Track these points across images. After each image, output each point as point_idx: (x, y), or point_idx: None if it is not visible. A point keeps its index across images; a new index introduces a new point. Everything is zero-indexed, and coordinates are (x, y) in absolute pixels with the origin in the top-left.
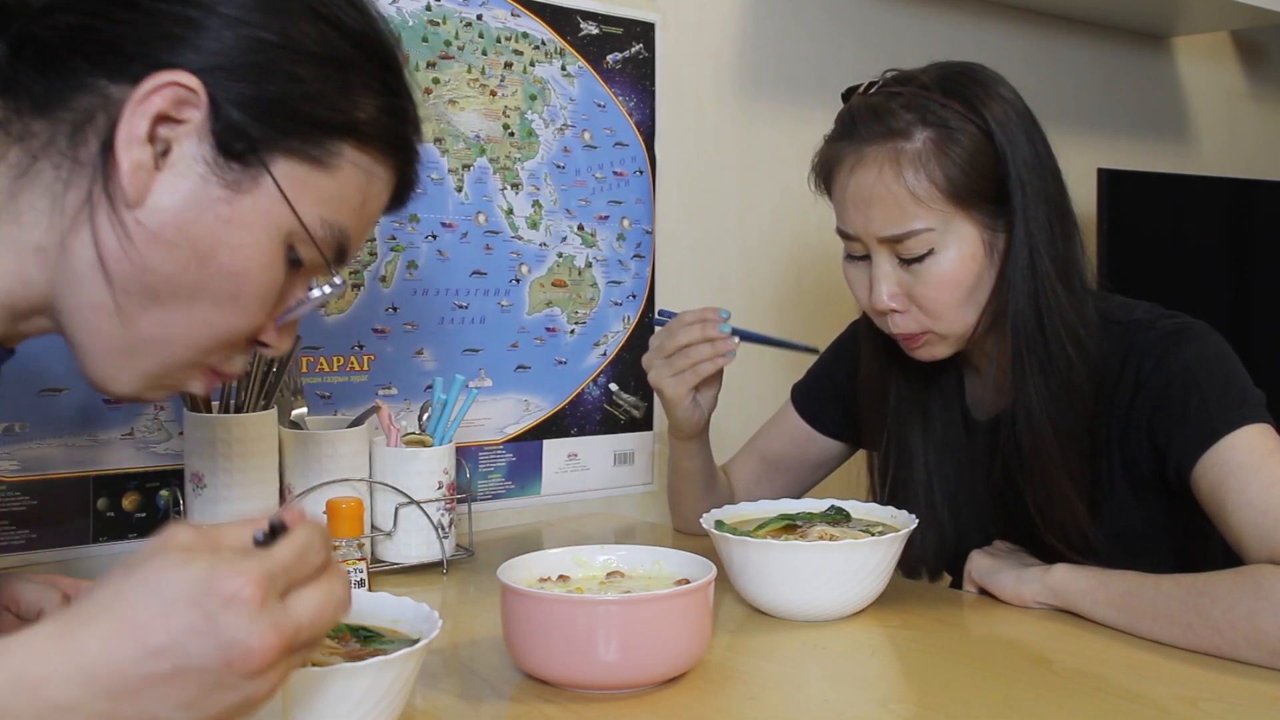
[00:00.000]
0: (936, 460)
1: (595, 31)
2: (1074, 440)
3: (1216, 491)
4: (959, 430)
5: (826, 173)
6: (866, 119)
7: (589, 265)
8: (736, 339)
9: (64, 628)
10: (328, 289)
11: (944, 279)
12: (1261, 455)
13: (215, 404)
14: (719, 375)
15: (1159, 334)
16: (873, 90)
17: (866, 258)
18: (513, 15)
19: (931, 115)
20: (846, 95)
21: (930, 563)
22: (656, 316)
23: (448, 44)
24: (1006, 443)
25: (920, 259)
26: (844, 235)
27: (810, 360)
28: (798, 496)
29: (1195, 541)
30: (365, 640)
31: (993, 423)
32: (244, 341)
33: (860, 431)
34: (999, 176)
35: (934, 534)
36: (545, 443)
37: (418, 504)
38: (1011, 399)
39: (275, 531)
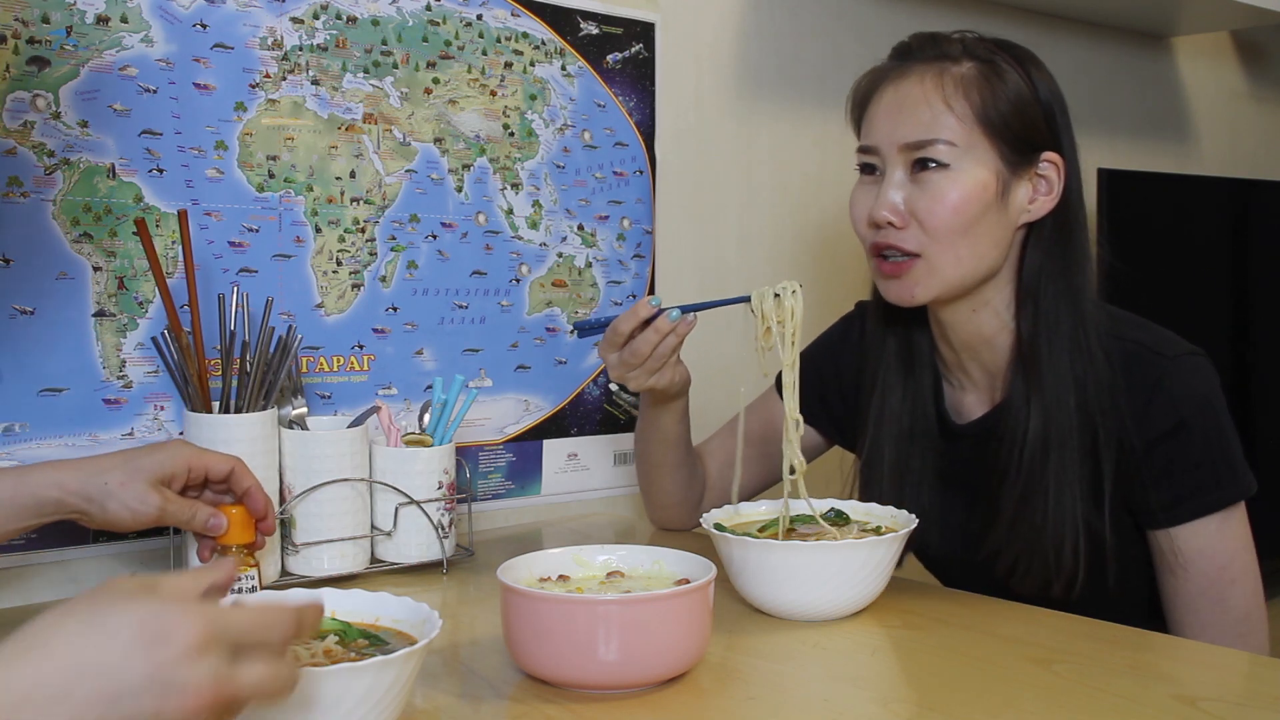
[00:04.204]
0: (917, 451)
1: (595, 31)
2: (1074, 441)
3: (1191, 559)
4: (934, 429)
5: (867, 93)
6: (922, 44)
7: (589, 265)
8: (689, 316)
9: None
10: None
11: (949, 196)
12: (1234, 549)
13: (215, 404)
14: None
15: (1169, 363)
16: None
17: (877, 178)
18: (513, 15)
19: (982, 54)
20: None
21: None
22: (573, 332)
23: (448, 44)
24: (985, 446)
25: (933, 171)
26: (864, 151)
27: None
28: (769, 485)
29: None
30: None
31: (970, 426)
32: None
33: (835, 426)
34: (1033, 125)
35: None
36: (545, 443)
37: (418, 504)
38: (995, 402)
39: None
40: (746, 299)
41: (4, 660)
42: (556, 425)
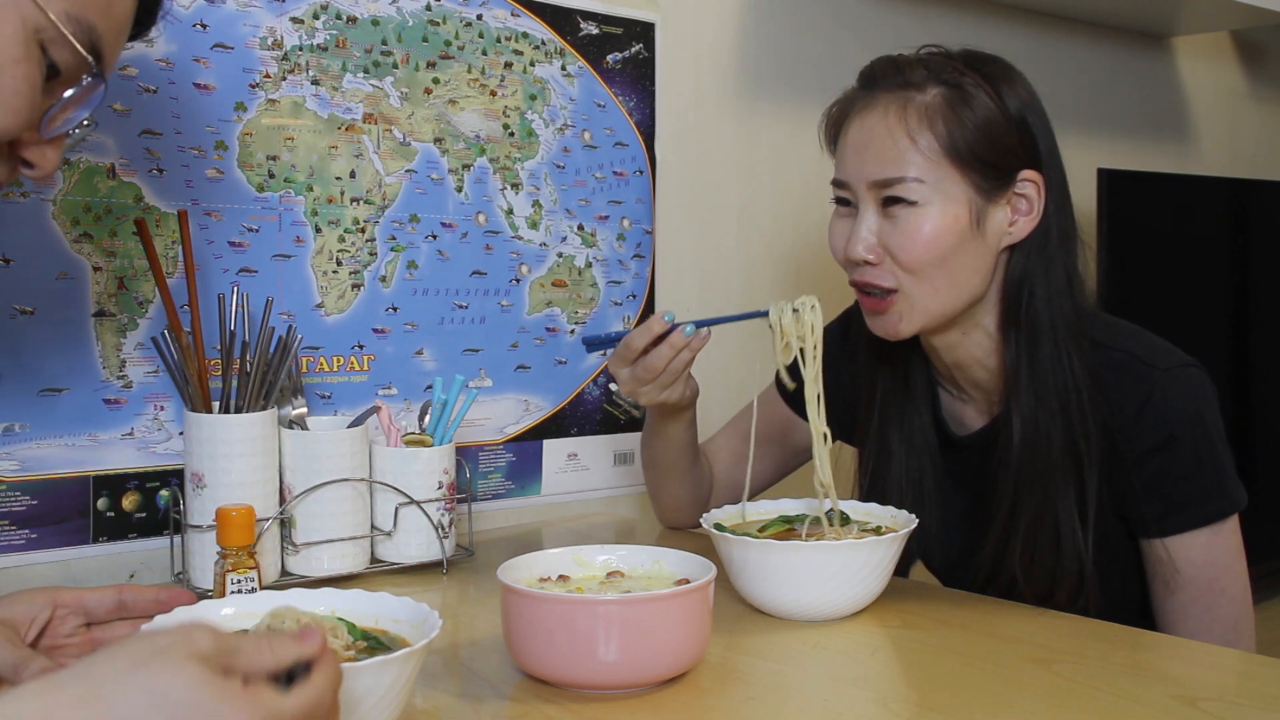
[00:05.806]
0: (915, 464)
1: (595, 31)
2: (1060, 460)
3: (1183, 569)
4: (933, 441)
5: (837, 122)
6: (886, 71)
7: (589, 265)
8: (703, 331)
9: (49, 706)
10: (86, 80)
11: (922, 231)
12: (1225, 560)
13: (215, 404)
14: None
15: (1160, 375)
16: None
17: (853, 210)
18: (513, 15)
19: (949, 77)
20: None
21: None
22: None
23: (448, 44)
24: (987, 458)
25: (903, 207)
26: (836, 185)
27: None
28: (776, 480)
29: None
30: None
31: (972, 438)
32: (5, 149)
33: (837, 422)
34: (1005, 149)
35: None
36: (545, 443)
37: (418, 504)
38: (994, 415)
39: (293, 677)
40: (764, 314)
41: (55, 686)
42: (556, 425)
